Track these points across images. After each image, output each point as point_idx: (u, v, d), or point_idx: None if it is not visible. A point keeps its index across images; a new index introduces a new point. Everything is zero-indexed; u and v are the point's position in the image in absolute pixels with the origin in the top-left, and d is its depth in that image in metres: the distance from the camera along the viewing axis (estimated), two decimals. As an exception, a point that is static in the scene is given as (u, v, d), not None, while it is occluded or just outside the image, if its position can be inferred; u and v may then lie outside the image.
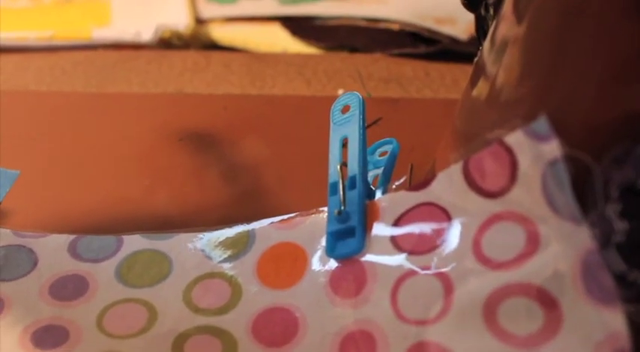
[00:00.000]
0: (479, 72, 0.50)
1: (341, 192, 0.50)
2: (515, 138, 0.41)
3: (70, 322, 0.50)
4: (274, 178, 0.63)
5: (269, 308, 0.49)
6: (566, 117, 0.39)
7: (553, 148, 0.39)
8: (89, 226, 0.58)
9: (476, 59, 0.55)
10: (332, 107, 0.55)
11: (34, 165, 0.65)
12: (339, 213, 0.49)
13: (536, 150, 0.40)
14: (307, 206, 0.56)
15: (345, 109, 0.54)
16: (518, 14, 0.43)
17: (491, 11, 0.56)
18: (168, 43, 0.88)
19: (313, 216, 0.53)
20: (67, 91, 0.78)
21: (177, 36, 0.88)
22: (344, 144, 0.52)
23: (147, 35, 0.87)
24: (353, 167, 0.51)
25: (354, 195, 0.50)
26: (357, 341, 0.45)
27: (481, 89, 0.47)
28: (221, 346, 0.48)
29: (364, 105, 0.53)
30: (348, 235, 0.49)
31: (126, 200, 0.61)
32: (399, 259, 0.46)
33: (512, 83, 0.43)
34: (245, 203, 0.62)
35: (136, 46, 0.87)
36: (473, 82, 0.50)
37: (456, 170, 0.45)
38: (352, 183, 0.50)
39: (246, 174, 0.64)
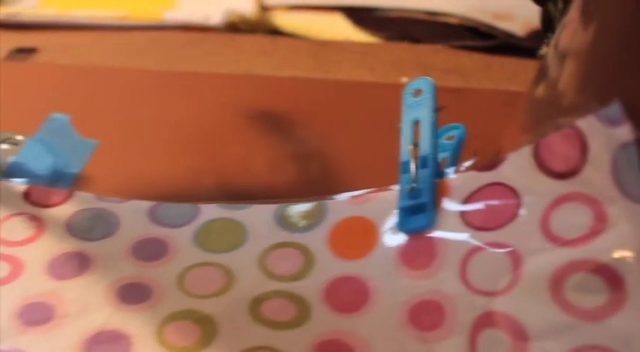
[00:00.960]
0: (542, 72, 0.52)
1: (413, 170, 0.53)
2: (587, 122, 0.43)
3: (151, 280, 0.53)
4: (338, 158, 0.66)
5: (341, 277, 0.52)
6: (636, 104, 0.41)
7: (624, 132, 0.41)
8: (165, 194, 0.62)
9: (540, 53, 0.58)
10: (404, 90, 0.57)
11: (112, 136, 0.68)
12: (411, 189, 0.52)
13: (607, 134, 0.42)
14: (368, 185, 0.59)
15: (417, 93, 0.57)
16: (585, 19, 0.45)
17: (560, 4, 0.58)
18: (235, 26, 0.90)
19: (383, 192, 0.56)
20: (140, 68, 0.82)
21: (245, 21, 0.91)
22: (415, 126, 0.55)
23: (215, 19, 0.90)
24: (424, 147, 0.54)
25: (424, 173, 0.53)
26: (426, 310, 0.48)
27: (543, 90, 0.50)
28: (295, 309, 0.51)
29: (435, 90, 0.56)
30: (419, 211, 0.52)
31: (199, 172, 0.64)
32: (467, 235, 0.49)
33: (574, 89, 0.45)
34: (311, 180, 0.64)
35: (204, 29, 0.90)
36: (537, 81, 0.53)
37: (526, 152, 0.48)
38: (423, 163, 0.53)
39: (312, 153, 0.67)
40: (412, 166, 0.53)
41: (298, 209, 0.57)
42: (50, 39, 0.88)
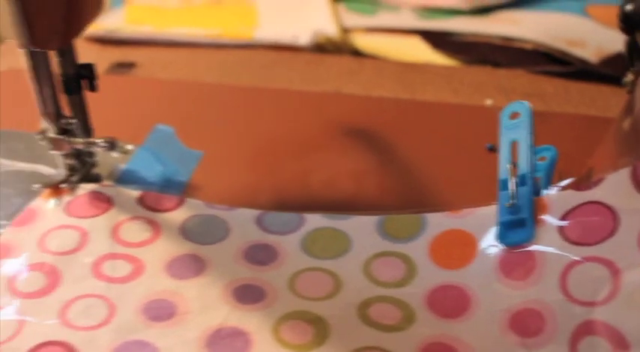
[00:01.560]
0: (629, 105, 0.56)
1: (512, 188, 0.56)
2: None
3: (265, 283, 0.57)
4: (425, 174, 0.70)
5: (442, 285, 0.56)
6: None
7: None
8: (266, 202, 0.66)
9: (625, 80, 0.61)
10: (501, 113, 0.61)
11: (211, 147, 0.73)
12: (511, 205, 0.55)
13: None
14: (453, 199, 0.64)
15: (514, 116, 0.60)
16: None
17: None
18: (321, 47, 0.95)
19: (481, 208, 0.59)
20: (235, 84, 0.86)
21: (330, 42, 0.95)
22: (513, 146, 0.59)
23: (303, 39, 0.95)
24: (522, 166, 0.57)
25: (523, 190, 0.56)
26: (527, 317, 0.51)
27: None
28: (400, 314, 0.54)
29: (532, 113, 0.60)
30: (518, 225, 0.56)
31: (293, 182, 0.69)
32: (566, 249, 0.52)
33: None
34: (400, 194, 0.68)
35: (292, 48, 0.95)
36: (629, 108, 0.57)
37: (624, 173, 0.51)
38: (522, 181, 0.57)
39: (399, 169, 0.71)
40: (511, 184, 0.56)
41: (399, 221, 0.61)
42: (148, 54, 0.93)
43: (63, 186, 0.67)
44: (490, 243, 0.56)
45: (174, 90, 0.85)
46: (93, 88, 0.65)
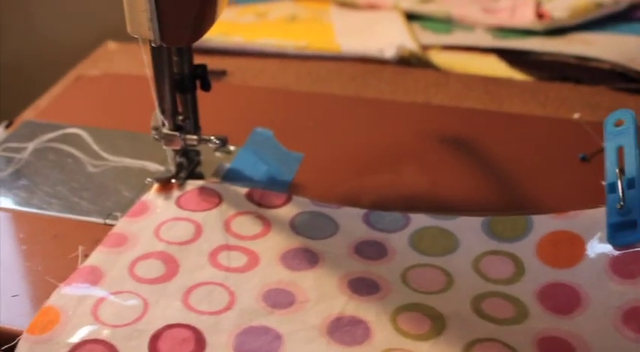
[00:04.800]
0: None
1: (620, 191, 0.58)
2: None
3: (378, 276, 0.59)
4: (521, 180, 0.73)
5: (552, 283, 0.58)
6: None
7: None
8: (370, 203, 0.68)
9: None
10: (605, 121, 0.63)
11: (307, 150, 0.76)
12: (621, 207, 0.57)
13: None
14: (551, 203, 0.67)
15: (619, 123, 0.62)
16: None
17: None
18: (405, 61, 0.97)
19: (588, 210, 0.61)
20: (327, 93, 0.89)
21: (415, 56, 0.97)
22: (619, 152, 0.60)
23: (389, 53, 0.97)
24: (630, 171, 0.59)
25: (631, 193, 0.58)
26: (640, 314, 0.53)
27: None
28: (514, 309, 0.56)
29: (636, 120, 0.61)
30: (628, 227, 0.57)
31: (396, 185, 0.71)
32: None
33: None
34: (500, 198, 0.70)
35: (377, 61, 0.97)
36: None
37: None
38: (630, 184, 0.58)
39: (496, 175, 0.73)
40: (619, 187, 0.58)
41: (505, 222, 0.63)
42: (237, 64, 0.96)
43: (173, 181, 0.68)
44: (599, 244, 0.57)
45: (268, 97, 0.87)
46: (207, 87, 0.67)
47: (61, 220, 0.67)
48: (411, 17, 1.15)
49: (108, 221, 0.66)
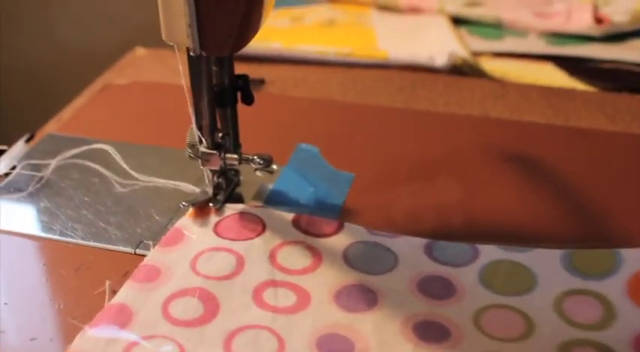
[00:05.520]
0: None
1: None
2: None
3: (446, 319, 0.51)
4: (597, 204, 0.65)
5: (650, 330, 0.49)
6: None
7: None
8: (430, 230, 0.60)
9: None
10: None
11: (364, 169, 0.68)
12: None
13: None
14: (635, 231, 0.59)
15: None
16: None
17: None
18: (458, 69, 0.89)
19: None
20: (374, 104, 0.81)
21: (468, 64, 0.89)
22: None
23: (440, 60, 0.89)
24: None
25: None
26: None
27: None
28: (608, 361, 0.48)
29: None
30: None
31: (458, 209, 0.63)
32: None
33: None
34: (576, 225, 0.62)
35: (426, 70, 0.89)
36: None
37: None
38: None
39: (569, 198, 0.65)
40: None
41: (588, 256, 0.55)
42: (276, 72, 0.89)
43: (210, 205, 0.61)
44: None
45: (311, 108, 0.80)
46: (249, 100, 0.60)
47: (85, 249, 0.60)
48: (458, 21, 1.08)
49: (138, 251, 0.58)
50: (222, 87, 0.60)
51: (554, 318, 0.51)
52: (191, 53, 0.53)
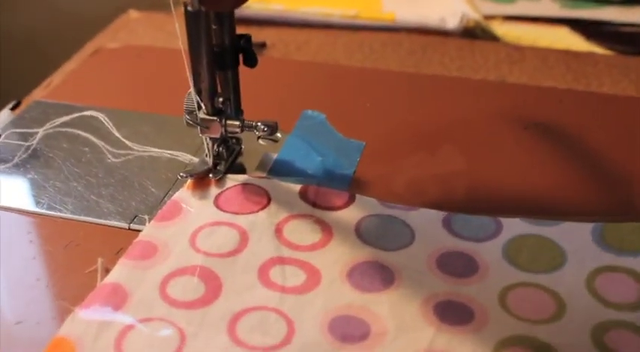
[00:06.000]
0: None
1: None
2: None
3: (469, 299, 0.47)
4: (628, 174, 0.61)
5: (693, 311, 0.45)
6: None
7: None
8: (447, 202, 0.55)
9: None
10: None
11: (373, 137, 0.63)
12: None
13: None
14: None
15: None
16: None
17: None
18: (470, 32, 0.84)
19: None
20: (383, 69, 0.76)
21: (481, 27, 0.84)
22: None
23: (452, 23, 0.84)
24: None
25: None
26: None
27: None
28: (647, 343, 0.43)
29: None
30: None
31: (475, 178, 0.59)
32: None
33: None
34: (605, 196, 0.58)
35: (436, 33, 0.84)
36: None
37: None
38: None
39: (596, 167, 0.60)
40: None
41: (621, 230, 0.50)
42: (278, 35, 0.84)
43: (210, 176, 0.56)
44: None
45: (316, 73, 0.75)
46: (252, 61, 0.55)
47: (75, 224, 0.55)
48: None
49: (133, 225, 0.54)
50: (223, 47, 0.54)
51: (587, 298, 0.47)
52: (189, 8, 0.48)
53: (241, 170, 0.60)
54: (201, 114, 0.55)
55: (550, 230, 0.52)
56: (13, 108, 0.68)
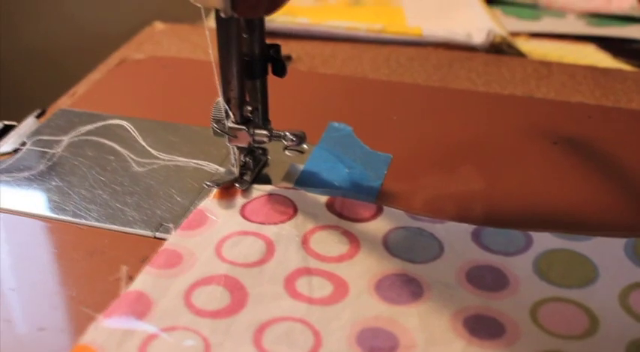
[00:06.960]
0: None
1: None
2: None
3: (500, 313, 0.46)
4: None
5: None
6: None
7: None
8: (475, 215, 0.54)
9: None
10: None
11: (400, 150, 0.62)
12: None
13: None
14: None
15: None
16: None
17: None
18: (496, 47, 0.83)
19: None
20: (409, 83, 0.75)
21: (507, 43, 0.84)
22: None
23: (479, 38, 0.83)
24: None
25: None
26: None
27: None
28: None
29: None
30: None
31: (505, 192, 0.58)
32: None
33: None
34: (638, 211, 0.56)
35: (463, 48, 0.84)
36: None
37: None
38: None
39: (627, 182, 0.59)
40: None
41: (655, 246, 0.49)
42: (304, 48, 0.84)
43: (236, 186, 0.55)
44: None
45: (342, 86, 0.74)
46: (281, 71, 0.55)
47: (100, 232, 0.54)
48: (491, 1, 1.03)
49: (158, 234, 0.53)
50: (253, 56, 0.54)
51: (620, 314, 0.46)
52: (221, 14, 0.48)
53: (267, 180, 0.59)
54: (229, 123, 0.54)
55: (581, 245, 0.51)
56: (38, 117, 0.68)
